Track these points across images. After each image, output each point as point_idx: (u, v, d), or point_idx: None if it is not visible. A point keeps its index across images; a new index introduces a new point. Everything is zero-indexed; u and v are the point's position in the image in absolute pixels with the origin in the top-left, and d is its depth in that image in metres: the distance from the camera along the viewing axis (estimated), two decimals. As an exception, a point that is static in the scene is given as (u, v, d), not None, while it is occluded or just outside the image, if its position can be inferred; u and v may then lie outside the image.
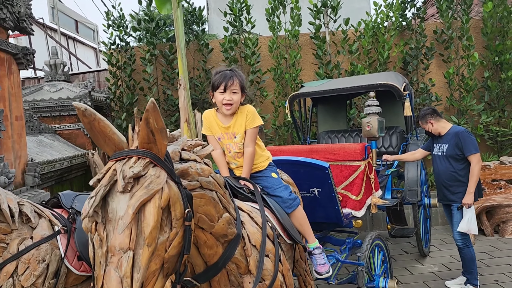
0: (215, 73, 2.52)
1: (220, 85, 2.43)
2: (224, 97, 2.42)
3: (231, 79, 2.41)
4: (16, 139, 4.10)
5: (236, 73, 2.47)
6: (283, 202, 2.40)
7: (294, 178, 3.43)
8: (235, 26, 6.77)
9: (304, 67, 7.01)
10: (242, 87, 2.47)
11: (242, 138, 2.50)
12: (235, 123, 2.51)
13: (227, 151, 2.57)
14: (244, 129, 2.50)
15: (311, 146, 3.95)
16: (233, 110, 2.47)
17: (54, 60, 6.86)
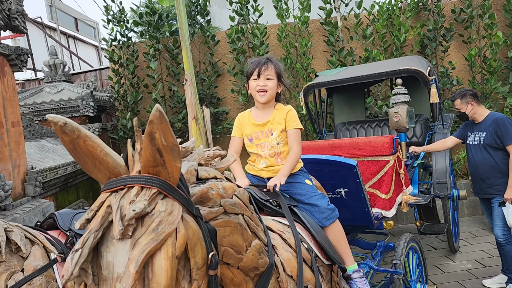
0: (249, 62, 2.33)
1: (253, 71, 2.25)
2: (258, 83, 2.24)
3: (265, 64, 2.24)
4: (13, 147, 3.81)
5: (271, 60, 2.28)
6: (321, 213, 2.12)
7: (317, 178, 3.11)
8: (242, 15, 6.40)
9: (316, 56, 6.64)
10: (278, 74, 2.29)
11: (278, 137, 2.29)
12: (273, 120, 2.31)
13: (259, 151, 2.31)
14: (282, 127, 2.29)
15: (333, 142, 3.61)
16: (268, 98, 2.26)
17: (54, 60, 6.56)
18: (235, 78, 6.43)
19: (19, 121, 3.99)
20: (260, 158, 2.33)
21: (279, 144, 2.30)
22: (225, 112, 6.64)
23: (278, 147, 2.29)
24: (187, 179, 0.99)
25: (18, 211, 3.58)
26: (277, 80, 2.27)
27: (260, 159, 2.33)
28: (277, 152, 2.30)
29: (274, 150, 2.29)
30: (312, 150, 3.64)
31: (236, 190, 1.25)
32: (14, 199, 3.73)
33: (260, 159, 2.33)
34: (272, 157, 2.30)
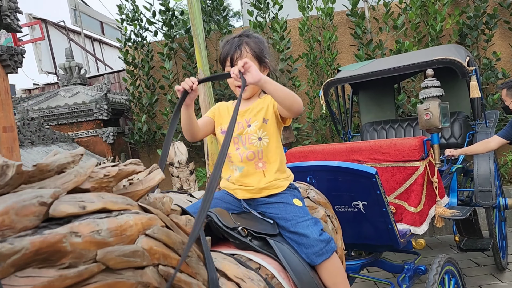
0: (220, 45, 1.84)
1: (225, 59, 1.77)
2: None
3: (238, 48, 1.73)
4: (5, 153, 3.55)
5: (244, 40, 1.77)
6: (309, 246, 1.57)
7: (330, 189, 2.63)
8: (260, 8, 5.97)
9: (341, 50, 6.10)
10: (258, 56, 1.78)
11: (259, 130, 1.75)
12: (254, 107, 1.80)
13: (232, 149, 1.78)
14: (264, 114, 1.76)
15: (351, 145, 3.11)
16: (250, 93, 1.81)
17: (69, 63, 6.39)
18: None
19: (13, 126, 3.74)
20: (232, 164, 1.79)
21: (261, 140, 1.75)
22: (245, 113, 6.22)
23: (259, 144, 1.75)
24: (9, 223, 0.58)
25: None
26: (258, 63, 1.78)
27: (232, 164, 1.79)
28: (258, 152, 1.74)
29: (253, 149, 1.74)
30: (328, 155, 3.15)
31: (152, 226, 0.82)
32: (5, 210, 3.47)
33: (233, 164, 1.79)
34: (250, 160, 1.74)
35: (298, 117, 6.08)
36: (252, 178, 1.74)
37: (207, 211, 1.32)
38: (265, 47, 1.83)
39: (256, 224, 1.50)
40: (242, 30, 1.87)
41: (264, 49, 1.82)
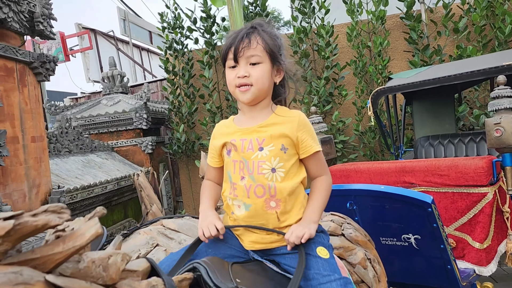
0: (227, 37, 1.47)
1: (227, 52, 1.39)
2: (236, 73, 1.38)
3: (244, 38, 1.36)
4: (32, 164, 3.43)
5: (256, 29, 1.40)
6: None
7: (376, 218, 2.21)
8: (305, 13, 5.61)
9: (394, 56, 5.60)
10: (272, 52, 1.39)
11: (275, 158, 1.35)
12: (271, 125, 1.40)
13: (235, 177, 1.39)
14: (286, 141, 1.37)
15: (403, 164, 2.66)
16: (256, 94, 1.38)
17: (112, 72, 6.35)
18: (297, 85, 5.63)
19: (43, 136, 3.62)
20: (236, 198, 1.38)
21: (275, 173, 1.35)
22: (287, 124, 5.86)
23: (272, 177, 1.35)
24: None
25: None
26: (271, 62, 1.40)
27: (236, 199, 1.39)
28: (269, 188, 1.34)
29: (263, 182, 1.34)
30: (374, 176, 2.72)
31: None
32: (29, 223, 3.33)
33: (237, 199, 1.38)
34: (259, 196, 1.34)
35: (344, 129, 5.63)
36: (262, 220, 1.35)
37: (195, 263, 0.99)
38: (281, 45, 1.47)
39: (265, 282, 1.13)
40: (256, 19, 1.49)
41: (280, 46, 1.45)
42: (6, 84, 3.23)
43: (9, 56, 3.26)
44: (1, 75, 3.18)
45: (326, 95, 5.53)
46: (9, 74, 3.27)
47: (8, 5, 3.12)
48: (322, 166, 1.46)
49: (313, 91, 5.46)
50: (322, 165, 1.46)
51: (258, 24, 1.43)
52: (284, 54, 1.46)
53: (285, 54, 1.47)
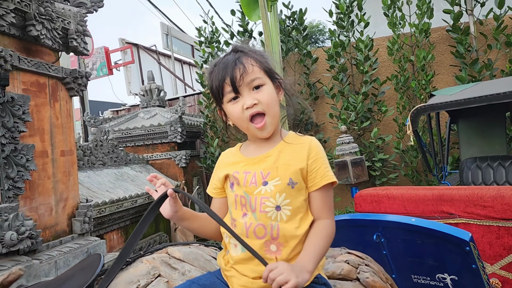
0: (208, 72, 1.29)
1: (223, 85, 1.22)
2: (243, 103, 1.21)
3: (237, 63, 1.20)
4: (60, 178, 3.45)
5: (243, 51, 1.25)
6: None
7: (406, 253, 1.99)
8: (343, 26, 5.42)
9: (439, 71, 5.27)
10: (268, 70, 1.25)
11: (280, 194, 1.18)
12: (277, 155, 1.24)
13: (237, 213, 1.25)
14: (292, 176, 1.20)
15: (441, 191, 2.40)
16: (272, 125, 1.23)
17: (150, 85, 6.43)
18: (334, 100, 5.43)
19: (72, 150, 3.65)
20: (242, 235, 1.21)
21: (279, 211, 1.19)
22: (323, 141, 5.65)
23: (276, 216, 1.18)
24: None
25: (53, 253, 3.16)
26: (271, 79, 1.25)
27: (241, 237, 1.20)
28: (272, 228, 1.18)
29: (264, 222, 1.18)
30: (408, 203, 2.48)
31: None
32: (55, 237, 3.34)
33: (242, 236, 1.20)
34: (259, 237, 1.18)
35: (384, 147, 5.33)
36: (258, 265, 1.15)
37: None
38: (268, 58, 1.29)
39: None
40: (232, 45, 1.32)
41: (267, 61, 1.27)
42: (38, 99, 3.28)
43: (42, 72, 3.31)
44: (33, 90, 3.23)
45: (364, 110, 5.28)
46: (41, 89, 3.32)
47: (41, 22, 3.17)
48: (328, 206, 1.25)
49: (350, 107, 5.23)
50: (328, 205, 1.25)
51: (240, 46, 1.27)
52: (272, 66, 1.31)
53: (275, 66, 1.32)
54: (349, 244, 1.89)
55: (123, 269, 1.78)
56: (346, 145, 3.40)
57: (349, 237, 2.06)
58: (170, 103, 7.25)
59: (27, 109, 3.03)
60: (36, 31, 3.13)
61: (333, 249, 1.64)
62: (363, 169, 3.14)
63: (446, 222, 2.31)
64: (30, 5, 3.02)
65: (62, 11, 3.40)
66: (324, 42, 19.42)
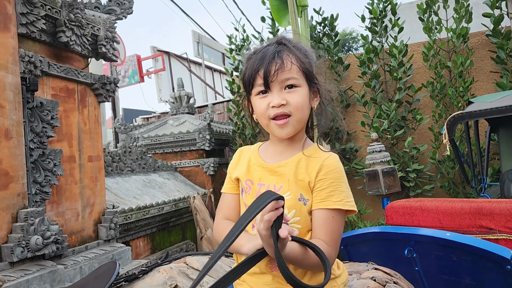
0: (247, 56, 1.21)
1: (255, 76, 1.13)
2: (269, 100, 1.12)
3: (276, 57, 1.10)
4: (87, 183, 3.47)
5: (287, 45, 1.15)
6: None
7: (441, 270, 1.84)
8: (376, 32, 5.26)
9: (478, 77, 5.02)
10: (307, 73, 1.14)
11: (288, 206, 1.10)
12: (291, 168, 1.15)
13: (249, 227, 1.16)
14: (303, 192, 1.11)
15: (479, 204, 2.23)
16: (296, 127, 1.14)
17: (179, 92, 6.47)
18: (366, 108, 5.26)
19: (100, 155, 3.67)
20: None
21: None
22: (354, 150, 5.48)
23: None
24: None
25: (79, 258, 3.16)
26: (308, 84, 1.14)
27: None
28: None
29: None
30: (443, 216, 2.31)
31: None
32: (81, 242, 3.35)
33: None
34: None
35: (419, 157, 5.11)
36: (267, 281, 1.08)
37: None
38: (314, 61, 1.19)
39: None
40: (281, 35, 1.22)
41: (313, 63, 1.17)
42: (66, 105, 3.32)
43: (71, 78, 3.36)
44: (62, 96, 3.28)
45: (398, 119, 5.09)
46: (69, 95, 3.36)
47: (71, 29, 3.22)
48: (330, 232, 1.09)
49: (383, 115, 5.05)
50: (330, 230, 1.09)
51: (285, 39, 1.18)
52: (320, 72, 1.20)
53: (320, 72, 1.21)
54: (378, 259, 1.76)
55: (139, 278, 1.73)
56: (377, 154, 3.26)
57: (378, 252, 1.93)
58: (200, 110, 7.27)
59: (55, 114, 3.06)
60: (66, 37, 3.17)
61: (359, 264, 1.52)
62: (395, 179, 2.98)
63: (485, 237, 2.14)
64: (61, 11, 3.07)
65: (92, 17, 3.44)
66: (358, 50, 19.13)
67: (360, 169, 5.19)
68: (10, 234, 2.57)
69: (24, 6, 2.75)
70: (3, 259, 2.53)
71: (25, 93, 2.79)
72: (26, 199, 2.71)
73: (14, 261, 2.53)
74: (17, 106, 2.67)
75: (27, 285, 2.52)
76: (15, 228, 2.58)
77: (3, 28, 2.59)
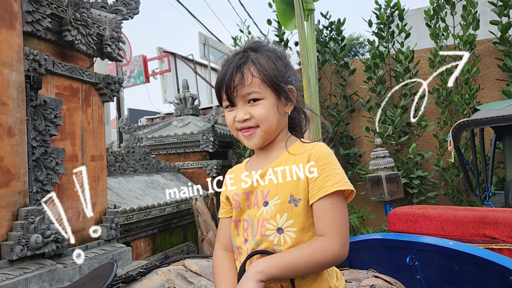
0: (220, 65, 1.20)
1: (221, 90, 1.13)
2: (236, 114, 1.12)
3: (235, 74, 1.08)
4: (89, 182, 3.46)
5: (253, 54, 1.12)
6: None
7: (443, 279, 1.81)
8: (382, 37, 5.24)
9: (484, 85, 4.98)
10: (272, 81, 1.10)
11: (280, 214, 1.07)
12: (278, 170, 1.12)
13: (239, 240, 1.16)
14: (293, 192, 1.07)
15: (483, 213, 2.20)
16: (262, 138, 1.12)
17: (184, 94, 6.47)
18: (371, 113, 5.24)
19: (103, 155, 3.66)
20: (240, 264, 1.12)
21: (282, 234, 1.07)
22: (358, 155, 5.45)
23: (279, 240, 1.07)
24: None
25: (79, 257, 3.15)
26: (275, 94, 1.10)
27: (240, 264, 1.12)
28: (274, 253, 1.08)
29: (266, 246, 1.08)
30: (446, 224, 2.28)
31: None
32: (81, 242, 3.35)
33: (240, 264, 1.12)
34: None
35: (423, 164, 5.08)
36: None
37: None
38: (286, 66, 1.15)
39: None
40: (250, 41, 1.21)
41: (284, 69, 1.13)
42: (70, 104, 3.32)
43: (75, 77, 3.36)
44: (66, 95, 3.28)
45: (403, 125, 5.06)
46: (74, 94, 3.37)
47: (77, 28, 3.22)
48: (330, 221, 1.04)
49: (388, 120, 5.02)
50: (330, 219, 1.04)
51: (251, 47, 1.15)
52: (292, 74, 1.17)
53: (294, 75, 1.18)
54: (378, 267, 1.73)
55: (137, 280, 1.71)
56: (381, 159, 3.23)
57: (378, 259, 1.90)
58: (204, 112, 7.27)
59: (59, 113, 3.06)
60: (71, 36, 3.17)
61: (359, 271, 1.49)
62: (398, 186, 2.96)
63: (488, 247, 2.11)
64: (67, 10, 3.07)
65: (98, 17, 3.45)
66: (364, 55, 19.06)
67: (363, 174, 5.16)
68: (10, 232, 2.56)
69: (30, 4, 2.75)
70: (2, 257, 2.52)
71: (29, 91, 2.80)
72: (27, 197, 2.71)
73: (13, 259, 2.52)
74: (20, 104, 2.67)
75: (26, 283, 2.51)
76: (15, 226, 2.58)
77: (8, 26, 2.60)
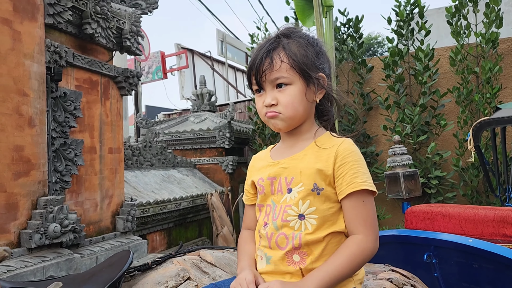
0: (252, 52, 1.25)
1: (250, 76, 1.13)
2: (263, 100, 1.12)
3: (265, 59, 1.08)
4: (107, 175, 3.51)
5: (285, 40, 1.11)
6: None
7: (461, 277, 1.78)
8: (402, 34, 5.17)
9: (507, 84, 4.87)
10: (301, 68, 1.09)
11: (303, 201, 1.07)
12: (303, 158, 1.11)
13: (261, 222, 1.16)
14: (316, 181, 1.07)
15: (504, 212, 2.14)
16: (286, 123, 1.11)
17: (201, 90, 6.50)
18: (389, 111, 5.17)
19: (120, 148, 3.70)
20: (259, 247, 1.15)
21: (303, 221, 1.07)
22: (375, 154, 5.40)
23: (299, 225, 1.07)
24: None
25: (95, 248, 3.19)
26: (303, 81, 1.09)
27: (259, 248, 1.15)
28: (294, 238, 1.06)
29: (287, 231, 1.08)
30: (465, 223, 2.24)
31: None
32: (98, 233, 3.39)
33: (259, 248, 1.15)
34: (281, 248, 1.08)
35: (441, 163, 4.99)
36: (283, 278, 1.06)
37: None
38: (319, 51, 1.14)
39: None
40: (283, 27, 1.18)
41: (315, 56, 1.11)
42: (89, 96, 3.36)
43: (95, 70, 3.40)
44: (85, 87, 3.32)
45: (421, 123, 4.98)
46: (93, 87, 3.41)
47: (97, 21, 3.26)
48: (362, 219, 1.05)
49: (406, 119, 4.95)
50: (362, 217, 1.05)
51: (284, 33, 1.13)
52: (324, 61, 1.16)
53: (326, 61, 1.16)
54: (395, 263, 1.71)
55: (152, 269, 1.72)
56: (398, 157, 3.19)
57: (396, 255, 1.88)
58: (221, 109, 7.29)
59: (78, 105, 3.10)
60: (91, 29, 3.21)
61: (376, 265, 1.48)
62: (416, 183, 2.91)
63: (508, 247, 2.06)
64: (87, 3, 3.11)
65: (118, 11, 3.48)
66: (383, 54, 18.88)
67: (380, 173, 5.10)
68: (30, 221, 2.61)
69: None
70: (21, 244, 2.57)
71: (49, 83, 2.84)
72: (46, 187, 2.76)
73: (32, 247, 2.57)
74: (41, 95, 2.71)
75: (44, 271, 2.55)
76: (35, 215, 2.62)
77: (30, 17, 2.64)
